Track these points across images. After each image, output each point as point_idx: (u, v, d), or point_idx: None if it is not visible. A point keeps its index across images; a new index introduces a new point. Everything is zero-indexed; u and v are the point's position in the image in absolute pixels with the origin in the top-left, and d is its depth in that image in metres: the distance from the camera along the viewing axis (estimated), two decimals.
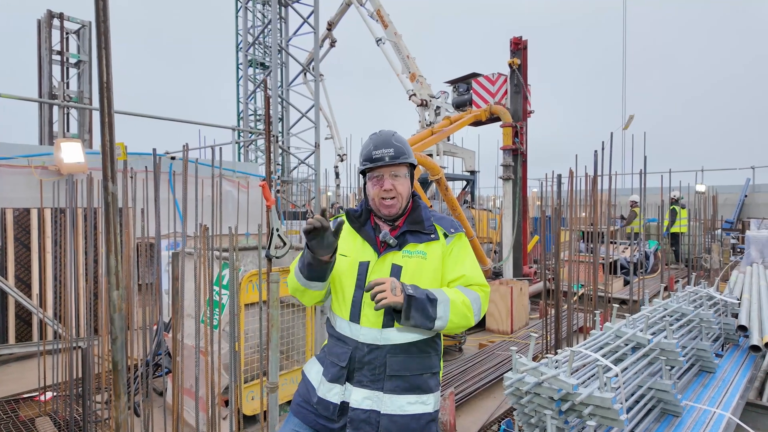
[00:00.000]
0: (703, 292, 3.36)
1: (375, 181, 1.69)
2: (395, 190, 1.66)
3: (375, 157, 1.67)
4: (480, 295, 1.66)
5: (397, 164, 1.67)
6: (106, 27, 1.51)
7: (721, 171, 15.67)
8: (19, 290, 5.05)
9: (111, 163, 1.55)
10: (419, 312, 1.50)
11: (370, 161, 1.68)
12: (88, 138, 8.64)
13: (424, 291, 1.54)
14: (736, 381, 2.81)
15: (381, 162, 1.66)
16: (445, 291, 1.60)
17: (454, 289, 1.63)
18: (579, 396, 1.75)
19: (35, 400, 3.93)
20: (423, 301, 1.51)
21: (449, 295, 1.58)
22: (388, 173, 1.67)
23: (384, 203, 1.67)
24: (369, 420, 1.57)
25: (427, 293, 1.54)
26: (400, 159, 1.66)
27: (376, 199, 1.69)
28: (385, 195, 1.66)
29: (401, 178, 1.68)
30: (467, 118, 8.09)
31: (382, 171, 1.68)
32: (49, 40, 8.41)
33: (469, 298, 1.61)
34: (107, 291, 1.54)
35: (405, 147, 1.71)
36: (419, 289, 1.54)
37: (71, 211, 3.59)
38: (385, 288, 1.48)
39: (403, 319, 1.51)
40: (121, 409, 1.50)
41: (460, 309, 1.57)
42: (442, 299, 1.55)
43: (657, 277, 8.53)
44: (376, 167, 1.67)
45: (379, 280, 1.51)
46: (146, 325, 3.17)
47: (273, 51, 10.84)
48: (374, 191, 1.69)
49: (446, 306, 1.55)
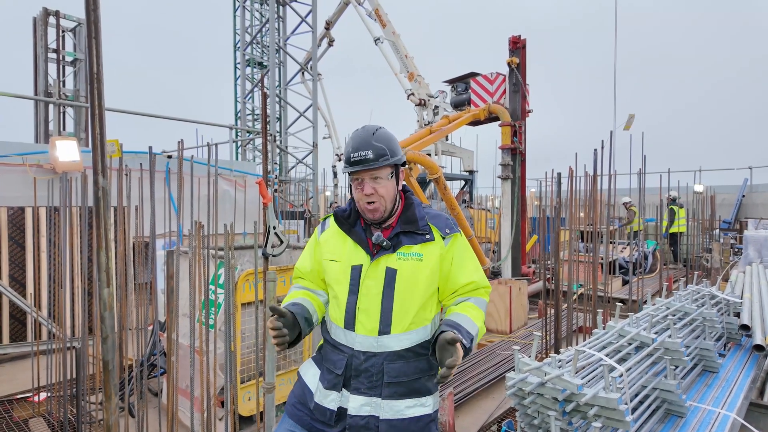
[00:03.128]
0: (705, 291, 3.33)
1: (356, 184, 1.61)
2: (376, 193, 1.58)
3: (353, 160, 1.57)
4: (486, 300, 1.69)
5: (377, 167, 1.58)
6: (96, 17, 1.47)
7: (719, 171, 15.69)
8: (13, 289, 5.00)
9: (101, 156, 1.50)
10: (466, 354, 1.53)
11: (349, 164, 1.59)
12: (84, 136, 8.57)
13: (466, 333, 1.52)
14: (740, 381, 2.78)
15: (359, 167, 1.57)
16: (473, 318, 1.58)
17: (473, 308, 1.62)
18: (584, 396, 1.71)
19: (29, 401, 3.87)
20: (470, 348, 1.52)
21: (477, 323, 1.58)
22: (368, 176, 1.58)
23: (367, 207, 1.60)
24: (368, 425, 1.53)
25: (471, 334, 1.53)
26: (379, 162, 1.55)
27: (360, 202, 1.62)
28: (366, 199, 1.59)
29: (383, 180, 1.58)
30: (466, 117, 8.06)
31: (362, 174, 1.59)
32: (44, 38, 8.35)
33: (482, 310, 1.65)
34: (99, 289, 1.49)
35: (387, 146, 1.59)
36: (463, 333, 1.50)
37: (66, 210, 3.54)
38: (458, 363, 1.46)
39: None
40: (111, 411, 1.45)
41: (482, 331, 1.62)
42: (475, 333, 1.56)
43: (656, 277, 8.51)
44: (354, 171, 1.59)
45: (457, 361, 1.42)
46: (141, 325, 3.12)
47: (271, 50, 10.80)
48: (357, 194, 1.62)
49: (477, 338, 1.58)
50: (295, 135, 12.18)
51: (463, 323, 1.55)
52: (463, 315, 1.59)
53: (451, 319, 1.58)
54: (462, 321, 1.56)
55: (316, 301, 1.70)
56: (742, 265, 6.17)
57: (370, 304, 1.57)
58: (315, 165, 10.40)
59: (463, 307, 1.62)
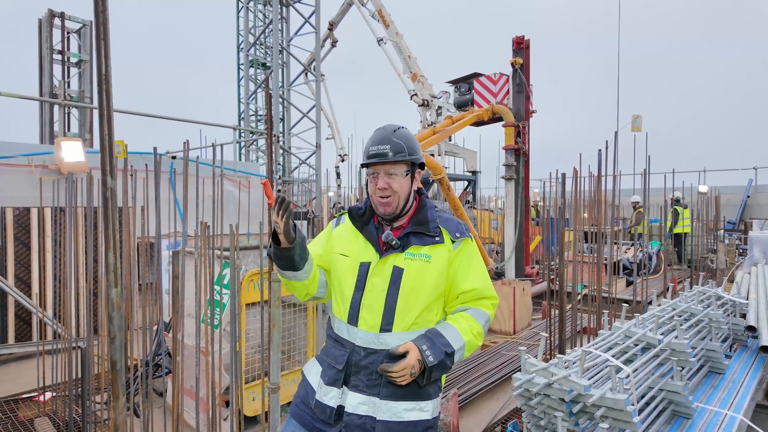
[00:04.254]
0: (711, 291, 3.31)
1: (372, 178, 1.64)
2: (390, 188, 1.60)
3: (371, 153, 1.62)
4: (490, 313, 1.66)
5: (394, 162, 1.61)
6: (105, 18, 1.47)
7: (724, 171, 15.63)
8: (18, 290, 5.02)
9: (110, 157, 1.50)
10: (439, 371, 1.52)
11: (367, 157, 1.64)
12: (88, 137, 8.61)
13: (442, 345, 1.51)
14: (747, 382, 2.76)
15: (376, 159, 1.60)
16: (460, 331, 1.56)
17: (467, 319, 1.60)
18: (591, 397, 1.70)
19: (34, 401, 3.89)
20: (443, 362, 1.50)
21: (465, 337, 1.56)
22: (384, 171, 1.61)
23: (380, 201, 1.62)
24: (364, 426, 1.52)
25: (446, 349, 1.51)
26: (396, 157, 1.59)
27: (373, 196, 1.64)
28: (379, 193, 1.62)
29: (398, 176, 1.61)
30: (469, 117, 8.06)
31: (378, 168, 1.62)
32: (50, 39, 8.39)
33: (480, 323, 1.61)
34: (107, 287, 1.49)
35: (407, 144, 1.63)
36: (437, 347, 1.50)
37: (71, 210, 3.55)
38: (405, 374, 1.47)
39: (423, 382, 1.52)
40: (119, 410, 1.46)
41: (473, 345, 1.59)
42: (458, 347, 1.54)
43: (660, 278, 8.48)
44: (371, 164, 1.63)
45: (395, 367, 1.48)
46: (146, 325, 3.13)
47: (274, 51, 10.82)
48: (371, 188, 1.65)
49: (462, 352, 1.56)
50: (298, 136, 12.19)
51: (445, 334, 1.55)
52: (449, 326, 1.59)
53: (435, 329, 1.58)
54: (445, 332, 1.56)
55: (315, 262, 1.72)
56: (747, 266, 6.13)
57: (374, 301, 1.58)
58: (318, 166, 10.40)
59: (455, 318, 1.62)
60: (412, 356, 1.47)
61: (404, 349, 1.48)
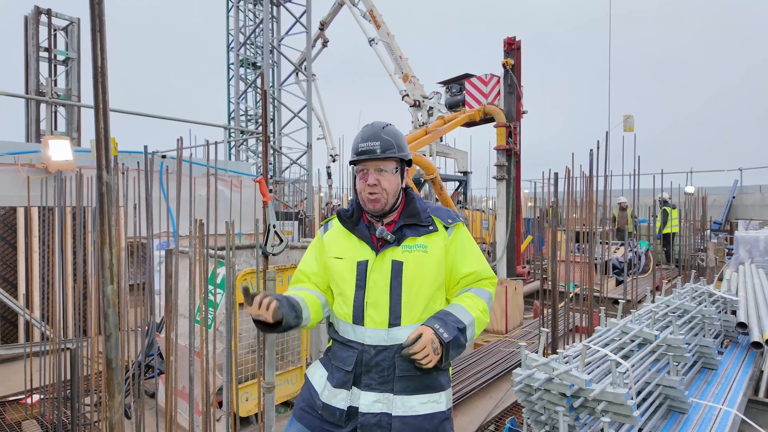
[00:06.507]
0: (703, 288, 3.35)
1: (361, 175, 1.63)
2: (380, 185, 1.59)
3: (361, 150, 1.60)
4: (491, 291, 1.66)
5: (383, 159, 1.59)
6: (100, 10, 1.44)
7: (710, 173, 15.86)
8: (4, 290, 4.92)
9: (105, 151, 1.47)
10: (456, 350, 1.49)
11: (356, 154, 1.62)
12: (76, 136, 8.48)
13: (453, 323, 1.49)
14: (739, 377, 2.80)
15: (365, 156, 1.59)
16: (466, 307, 1.56)
17: (471, 297, 1.60)
18: (592, 392, 1.71)
19: (21, 403, 3.81)
20: (457, 338, 1.48)
21: (472, 313, 1.55)
22: (373, 167, 1.60)
23: (369, 197, 1.60)
24: (380, 423, 1.51)
25: (457, 325, 1.49)
26: (386, 153, 1.58)
27: (362, 193, 1.62)
28: (369, 189, 1.60)
29: (387, 173, 1.60)
30: (461, 117, 8.08)
31: (367, 165, 1.60)
32: (36, 36, 8.26)
33: (484, 300, 1.61)
34: (97, 287, 1.45)
35: (396, 141, 1.61)
36: (449, 325, 1.48)
37: (59, 210, 3.48)
38: (427, 352, 1.41)
39: (443, 362, 1.49)
40: (115, 409, 1.42)
41: (482, 321, 1.58)
42: (468, 322, 1.53)
43: (648, 277, 8.57)
44: (360, 161, 1.61)
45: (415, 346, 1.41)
46: (137, 325, 3.08)
47: (265, 51, 10.76)
48: (360, 185, 1.63)
49: (473, 328, 1.55)
50: (289, 136, 12.14)
51: (453, 312, 1.54)
52: (456, 304, 1.58)
53: (442, 309, 1.58)
54: (452, 310, 1.55)
55: (310, 297, 1.66)
56: (734, 266, 6.23)
57: (378, 297, 1.56)
58: (309, 166, 10.37)
59: (461, 298, 1.62)
60: (427, 334, 1.44)
61: (417, 333, 1.44)
